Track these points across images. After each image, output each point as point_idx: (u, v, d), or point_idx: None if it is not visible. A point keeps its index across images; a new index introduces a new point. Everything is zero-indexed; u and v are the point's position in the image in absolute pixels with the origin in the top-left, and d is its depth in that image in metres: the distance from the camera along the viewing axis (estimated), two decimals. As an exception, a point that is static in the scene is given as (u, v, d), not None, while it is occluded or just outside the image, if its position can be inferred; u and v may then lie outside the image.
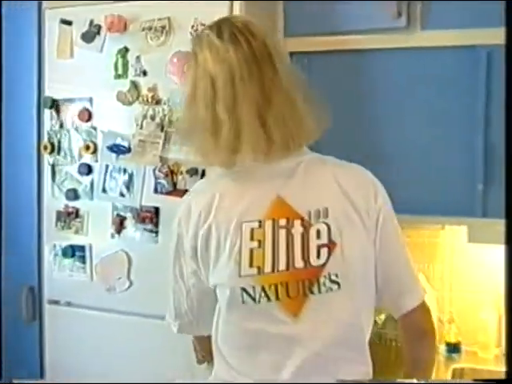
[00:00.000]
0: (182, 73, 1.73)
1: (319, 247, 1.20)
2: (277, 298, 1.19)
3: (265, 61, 1.18)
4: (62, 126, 1.91)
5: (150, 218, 1.79)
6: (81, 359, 1.91)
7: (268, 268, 1.20)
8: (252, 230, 1.20)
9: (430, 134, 1.87)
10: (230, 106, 1.16)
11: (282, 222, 1.20)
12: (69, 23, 1.87)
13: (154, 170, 1.78)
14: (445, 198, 1.89)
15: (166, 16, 1.75)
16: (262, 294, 1.19)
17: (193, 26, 1.72)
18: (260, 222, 1.21)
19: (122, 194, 1.83)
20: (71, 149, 1.90)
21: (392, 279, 1.28)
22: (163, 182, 1.77)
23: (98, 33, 1.83)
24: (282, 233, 1.20)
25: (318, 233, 1.20)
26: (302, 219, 1.21)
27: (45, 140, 1.92)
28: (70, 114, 1.89)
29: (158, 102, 1.78)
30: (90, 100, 1.88)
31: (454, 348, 2.03)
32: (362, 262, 1.24)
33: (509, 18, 1.46)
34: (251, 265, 1.20)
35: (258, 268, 1.20)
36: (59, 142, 1.92)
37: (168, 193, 1.77)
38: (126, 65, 1.81)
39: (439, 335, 2.00)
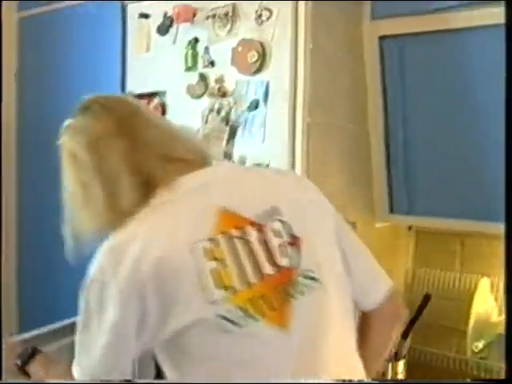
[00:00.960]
0: (245, 62, 1.63)
1: (282, 246, 1.08)
2: (263, 315, 1.03)
3: None
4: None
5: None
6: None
7: (237, 283, 1.03)
8: (204, 250, 1.02)
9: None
10: None
11: (234, 232, 1.05)
12: (146, 16, 1.84)
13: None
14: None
15: (230, 2, 1.64)
16: (243, 315, 1.02)
17: (257, 11, 1.60)
18: (210, 239, 1.03)
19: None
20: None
21: (360, 270, 1.20)
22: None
23: (171, 25, 1.78)
24: (239, 243, 1.04)
25: (275, 232, 1.07)
26: (253, 223, 1.06)
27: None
28: (147, 108, 1.85)
29: (224, 95, 1.67)
30: (164, 94, 1.81)
31: None
32: (331, 249, 1.15)
33: (509, 18, 1.32)
34: (218, 286, 1.01)
35: (227, 288, 1.02)
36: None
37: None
38: (195, 56, 1.72)
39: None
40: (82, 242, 1.09)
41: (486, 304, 1.77)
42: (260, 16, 1.60)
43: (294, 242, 1.08)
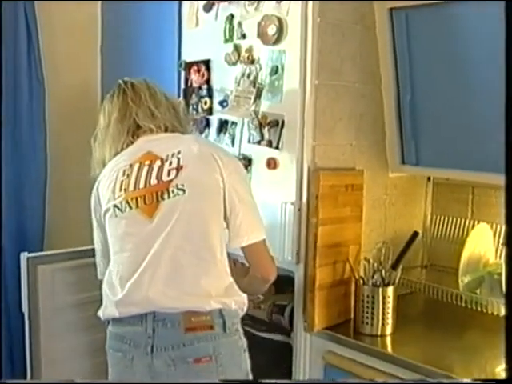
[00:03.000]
0: (267, 35, 1.93)
1: (170, 170, 1.64)
2: (136, 206, 1.63)
3: None
4: (191, 85, 2.24)
5: (245, 165, 2.02)
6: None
7: (131, 188, 1.66)
8: (124, 170, 1.69)
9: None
10: None
11: (147, 162, 1.68)
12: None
13: (248, 123, 2.01)
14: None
15: (256, -18, 1.95)
16: (126, 205, 1.64)
17: (277, -10, 1.89)
18: (130, 164, 1.69)
19: (227, 144, 2.10)
20: (197, 105, 2.22)
21: (236, 215, 1.65)
22: (253, 133, 1.99)
23: (214, 3, 2.11)
24: (145, 168, 1.67)
25: (171, 163, 1.65)
26: (162, 159, 1.67)
27: (180, 97, 2.27)
28: (195, 74, 2.20)
29: (252, 62, 1.99)
30: (209, 62, 2.16)
31: None
32: (207, 179, 1.64)
33: (509, 18, 1.42)
34: (120, 189, 1.67)
35: (125, 190, 1.66)
36: (189, 99, 2.25)
37: (257, 142, 1.98)
38: (231, 30, 2.06)
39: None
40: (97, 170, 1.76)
41: (480, 246, 2.00)
42: (281, -6, 1.89)
43: (179, 168, 1.64)
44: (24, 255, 2.14)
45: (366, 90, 2.01)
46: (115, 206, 1.66)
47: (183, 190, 1.61)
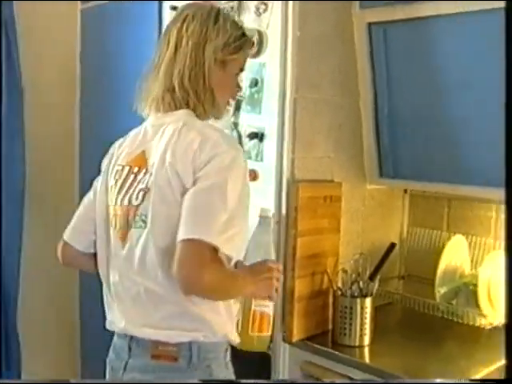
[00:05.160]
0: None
1: (139, 190, 1.45)
2: (115, 226, 1.50)
3: None
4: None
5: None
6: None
7: (113, 201, 1.51)
8: (117, 171, 1.53)
9: (497, 100, 1.77)
10: None
11: (135, 169, 1.48)
12: (175, 9, 2.18)
13: (231, 134, 2.03)
14: None
15: (234, -2, 1.98)
16: (114, 222, 1.50)
17: (256, 5, 1.91)
18: (123, 166, 1.52)
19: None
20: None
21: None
22: (233, 145, 2.00)
23: (195, 16, 2.13)
24: (130, 177, 1.48)
25: (144, 179, 1.45)
26: (146, 170, 1.46)
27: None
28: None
29: (232, 75, 2.02)
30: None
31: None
32: (168, 208, 1.39)
33: (509, 18, 1.44)
34: (111, 200, 1.52)
35: (111, 200, 1.52)
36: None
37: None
38: (211, 42, 2.08)
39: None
40: None
41: (456, 257, 2.03)
42: (258, 9, 1.92)
43: (146, 190, 1.43)
44: None
45: (345, 103, 2.05)
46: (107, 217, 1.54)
47: (145, 222, 1.43)
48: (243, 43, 1.53)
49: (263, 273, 1.47)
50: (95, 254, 1.58)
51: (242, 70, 1.57)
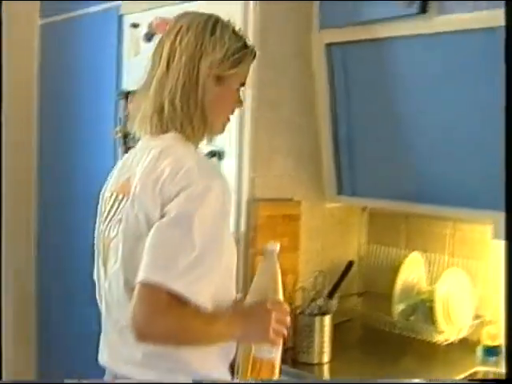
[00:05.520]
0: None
1: (117, 221, 1.35)
2: (102, 258, 1.40)
3: None
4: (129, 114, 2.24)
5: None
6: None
7: (102, 231, 1.41)
8: (107, 198, 1.42)
9: (451, 120, 1.83)
10: None
11: (120, 196, 1.37)
12: (136, 26, 2.19)
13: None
14: (467, 190, 1.83)
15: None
16: (102, 253, 1.41)
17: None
18: (111, 193, 1.41)
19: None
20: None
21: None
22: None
23: (155, 33, 2.12)
24: (116, 204, 1.37)
25: (124, 209, 1.34)
26: (128, 197, 1.33)
27: (117, 127, 2.26)
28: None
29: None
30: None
31: (491, 351, 1.92)
32: (135, 243, 1.28)
33: (509, 18, 1.44)
34: (101, 229, 1.42)
35: (102, 230, 1.42)
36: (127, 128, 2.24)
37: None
38: (172, 60, 2.08)
39: (477, 335, 1.95)
40: None
41: (413, 274, 2.06)
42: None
43: (120, 222, 1.34)
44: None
45: (304, 122, 2.07)
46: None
47: (116, 256, 1.34)
48: (243, 56, 1.39)
49: (257, 315, 1.35)
50: None
51: (243, 84, 1.44)
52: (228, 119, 1.44)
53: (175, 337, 1.24)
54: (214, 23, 1.36)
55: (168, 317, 1.20)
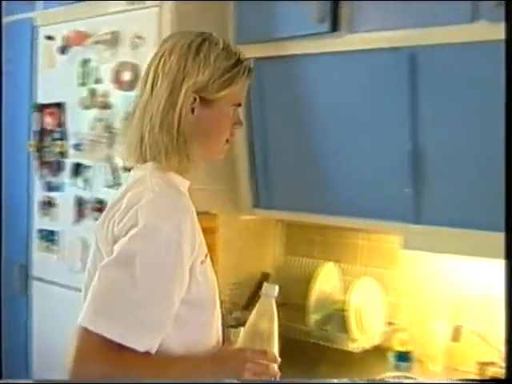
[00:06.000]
0: (122, 81, 1.97)
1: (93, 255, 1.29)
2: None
3: None
4: (44, 127, 2.22)
5: (98, 209, 2.03)
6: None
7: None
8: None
9: (361, 135, 1.91)
10: None
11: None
12: (51, 38, 2.17)
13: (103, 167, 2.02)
14: (377, 203, 1.91)
15: (110, 30, 1.98)
16: None
17: (131, 38, 1.94)
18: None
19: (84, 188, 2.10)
20: (50, 147, 2.20)
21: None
22: (109, 177, 2.00)
23: (70, 46, 2.11)
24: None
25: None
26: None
27: (31, 140, 2.24)
28: (49, 117, 2.19)
29: (107, 107, 2.02)
30: (64, 105, 2.15)
31: (402, 356, 1.99)
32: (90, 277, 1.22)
33: (509, 18, 1.43)
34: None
35: None
36: (42, 142, 2.22)
37: (112, 186, 2.00)
38: (87, 74, 2.08)
39: (389, 342, 2.02)
40: None
41: (328, 284, 2.12)
42: (133, 42, 1.94)
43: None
44: None
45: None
46: None
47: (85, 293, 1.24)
48: (234, 76, 1.26)
49: (232, 362, 1.24)
50: None
51: (239, 104, 1.31)
52: (227, 141, 1.35)
53: (114, 380, 1.13)
54: (199, 44, 1.25)
55: (100, 362, 1.11)
